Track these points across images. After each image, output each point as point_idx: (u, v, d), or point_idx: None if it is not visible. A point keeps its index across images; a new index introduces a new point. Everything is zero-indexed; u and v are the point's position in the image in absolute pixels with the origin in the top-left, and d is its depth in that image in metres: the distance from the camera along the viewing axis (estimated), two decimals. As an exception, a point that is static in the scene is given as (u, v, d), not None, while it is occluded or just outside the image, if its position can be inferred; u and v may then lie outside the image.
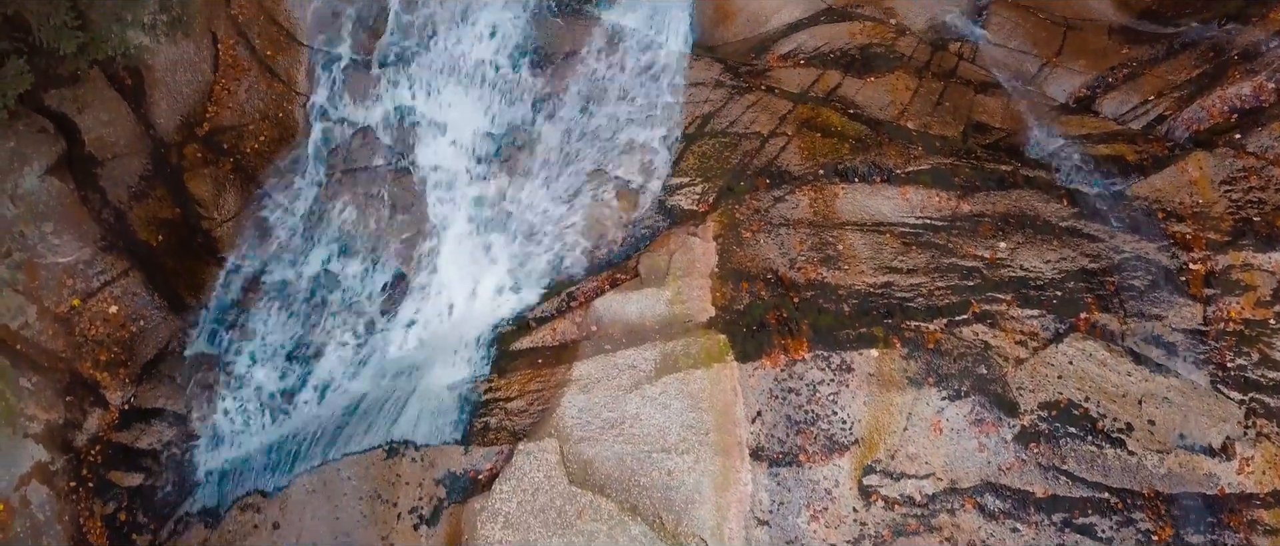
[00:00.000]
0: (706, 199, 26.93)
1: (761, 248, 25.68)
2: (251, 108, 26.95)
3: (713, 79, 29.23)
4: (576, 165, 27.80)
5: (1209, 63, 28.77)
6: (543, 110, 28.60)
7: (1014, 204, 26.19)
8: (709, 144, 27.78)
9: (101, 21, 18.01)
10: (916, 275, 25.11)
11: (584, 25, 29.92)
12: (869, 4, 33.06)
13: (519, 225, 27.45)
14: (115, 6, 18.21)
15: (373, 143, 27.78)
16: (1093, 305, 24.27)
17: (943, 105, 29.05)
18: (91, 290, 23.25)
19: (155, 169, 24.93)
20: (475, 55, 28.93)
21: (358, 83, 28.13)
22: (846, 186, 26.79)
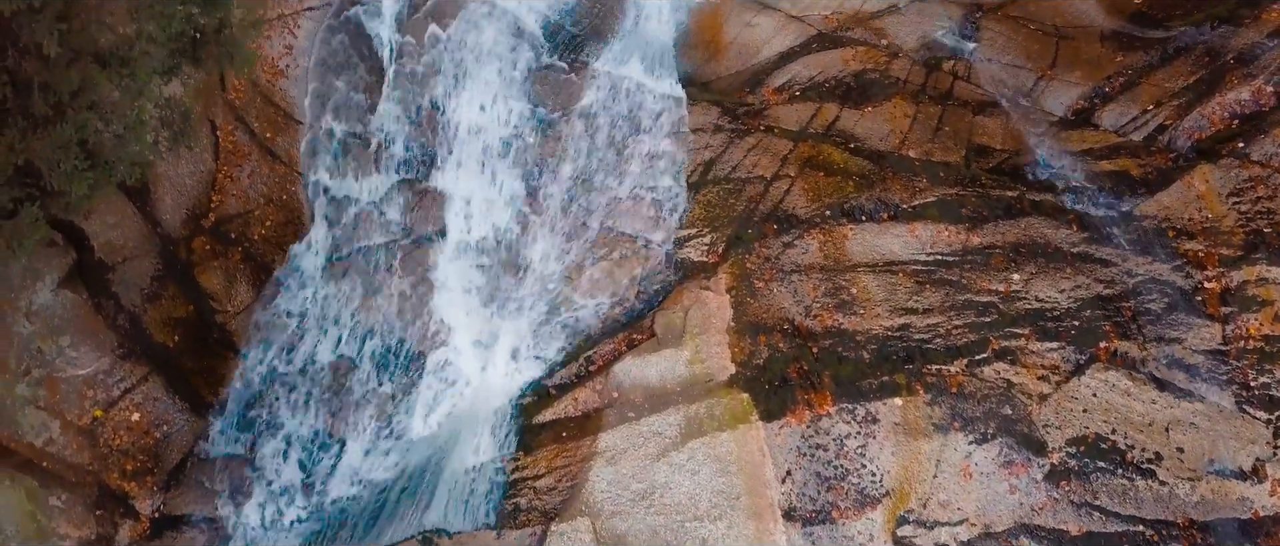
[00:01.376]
0: (716, 249, 26.83)
1: (775, 297, 25.62)
2: (255, 193, 26.86)
3: (712, 123, 29.07)
4: (583, 224, 27.73)
5: (1205, 68, 28.67)
6: (546, 171, 28.47)
7: (1023, 233, 26.09)
8: (713, 192, 27.64)
9: (108, 154, 17.85)
10: (932, 315, 25.04)
11: (579, 77, 29.82)
12: (859, 27, 32.94)
13: (530, 291, 27.37)
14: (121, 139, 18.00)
15: (379, 218, 27.78)
16: (1111, 333, 24.21)
17: (942, 130, 28.95)
18: (113, 399, 23.20)
19: (166, 267, 24.86)
20: (474, 120, 28.74)
21: (359, 157, 28.13)
22: (855, 227, 26.67)
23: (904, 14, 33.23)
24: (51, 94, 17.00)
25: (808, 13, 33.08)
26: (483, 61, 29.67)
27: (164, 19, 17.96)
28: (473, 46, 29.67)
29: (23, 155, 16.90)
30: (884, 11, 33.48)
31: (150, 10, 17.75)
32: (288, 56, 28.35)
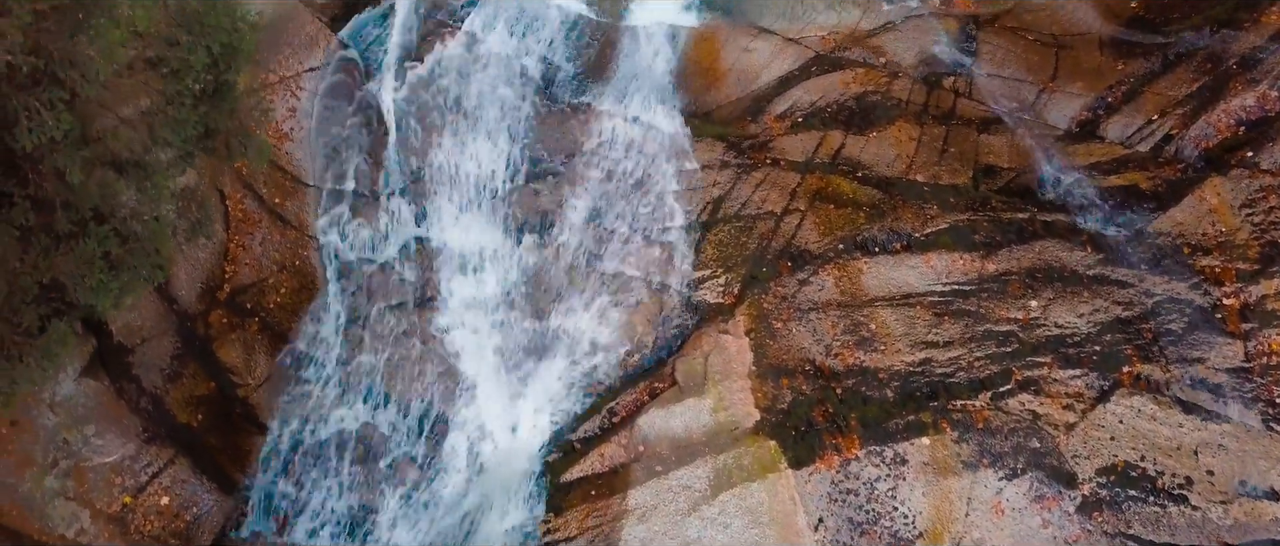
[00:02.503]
0: (731, 290, 26.77)
1: (795, 337, 25.59)
2: (268, 260, 26.77)
3: (717, 159, 29.02)
4: (597, 272, 27.60)
5: (1207, 74, 28.61)
6: (555, 220, 28.29)
7: (1038, 257, 26.08)
8: (724, 230, 27.56)
9: (131, 261, 17.83)
10: (953, 347, 25.03)
11: (582, 119, 29.74)
12: (856, 46, 32.85)
13: (548, 343, 27.33)
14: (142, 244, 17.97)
15: (393, 279, 27.68)
16: (1134, 356, 24.22)
17: (949, 152, 28.92)
18: (141, 485, 23.19)
19: (184, 345, 24.80)
20: (480, 171, 28.63)
21: (369, 217, 28.02)
22: (869, 260, 26.64)
23: (900, 30, 33.07)
24: (74, 211, 16.87)
25: (804, 34, 32.85)
26: (485, 110, 29.58)
27: (177, 124, 17.82)
28: (474, 95, 29.54)
29: (48, 273, 16.92)
30: (880, 29, 33.31)
31: (163, 116, 17.59)
32: (291, 119, 28.25)
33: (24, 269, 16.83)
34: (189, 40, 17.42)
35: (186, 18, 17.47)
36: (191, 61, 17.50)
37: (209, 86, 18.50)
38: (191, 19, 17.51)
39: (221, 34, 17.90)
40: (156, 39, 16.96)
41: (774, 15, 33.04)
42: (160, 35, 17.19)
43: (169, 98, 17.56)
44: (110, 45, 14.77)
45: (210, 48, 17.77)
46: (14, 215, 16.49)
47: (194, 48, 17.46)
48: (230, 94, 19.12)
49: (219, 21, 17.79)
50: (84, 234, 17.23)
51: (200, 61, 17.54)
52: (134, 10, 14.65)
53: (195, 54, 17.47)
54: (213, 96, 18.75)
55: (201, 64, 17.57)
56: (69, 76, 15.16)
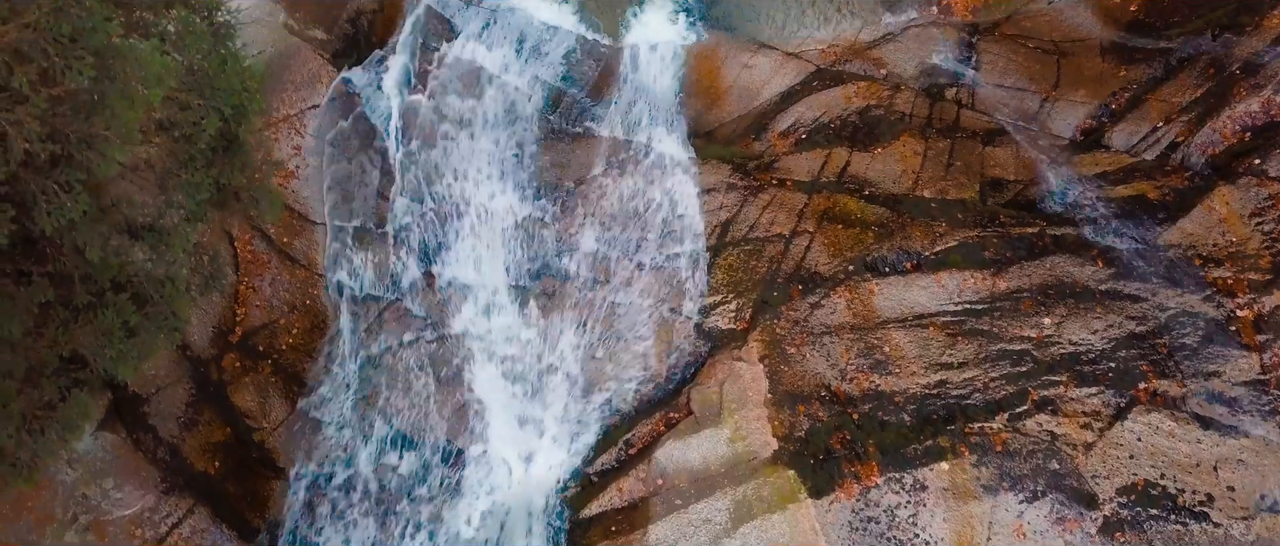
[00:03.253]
0: (743, 315, 26.75)
1: (809, 362, 25.56)
2: (278, 301, 26.70)
3: (723, 182, 28.94)
4: (607, 302, 27.52)
5: (1211, 79, 28.52)
6: (564, 249, 28.21)
7: (1049, 273, 26.05)
8: (734, 254, 27.52)
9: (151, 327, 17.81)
10: (968, 368, 25.01)
11: (586, 146, 29.71)
12: (857, 58, 32.72)
13: (562, 375, 27.24)
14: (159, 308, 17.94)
15: (404, 315, 27.62)
16: (1149, 372, 24.20)
17: (954, 166, 28.88)
18: (161, 536, 23.20)
19: (199, 391, 24.77)
20: (487, 203, 28.57)
21: (377, 253, 28.00)
22: (880, 281, 26.62)
23: (900, 41, 32.97)
24: (92, 283, 16.83)
25: (804, 48, 32.76)
26: (490, 139, 29.56)
27: (191, 187, 17.81)
28: (479, 125, 29.54)
29: (68, 346, 16.91)
30: (880, 40, 33.18)
31: (176, 180, 17.56)
32: (296, 157, 28.22)
33: (43, 344, 16.73)
34: (200, 104, 17.33)
35: (197, 80, 17.41)
36: (204, 125, 17.47)
37: (220, 146, 18.30)
38: (202, 81, 17.45)
39: (232, 96, 17.81)
40: (168, 102, 16.81)
41: (773, 29, 32.86)
42: (171, 99, 17.00)
43: (181, 161, 17.41)
44: (126, 125, 14.68)
45: (221, 110, 17.64)
46: (33, 293, 16.44)
47: (206, 111, 17.39)
48: (241, 150, 19.04)
49: (230, 83, 17.74)
50: (102, 304, 17.07)
51: (212, 124, 17.53)
52: (149, 89, 14.40)
53: (207, 118, 17.43)
54: (224, 155, 18.58)
55: (214, 127, 17.52)
56: (85, 157, 15.07)
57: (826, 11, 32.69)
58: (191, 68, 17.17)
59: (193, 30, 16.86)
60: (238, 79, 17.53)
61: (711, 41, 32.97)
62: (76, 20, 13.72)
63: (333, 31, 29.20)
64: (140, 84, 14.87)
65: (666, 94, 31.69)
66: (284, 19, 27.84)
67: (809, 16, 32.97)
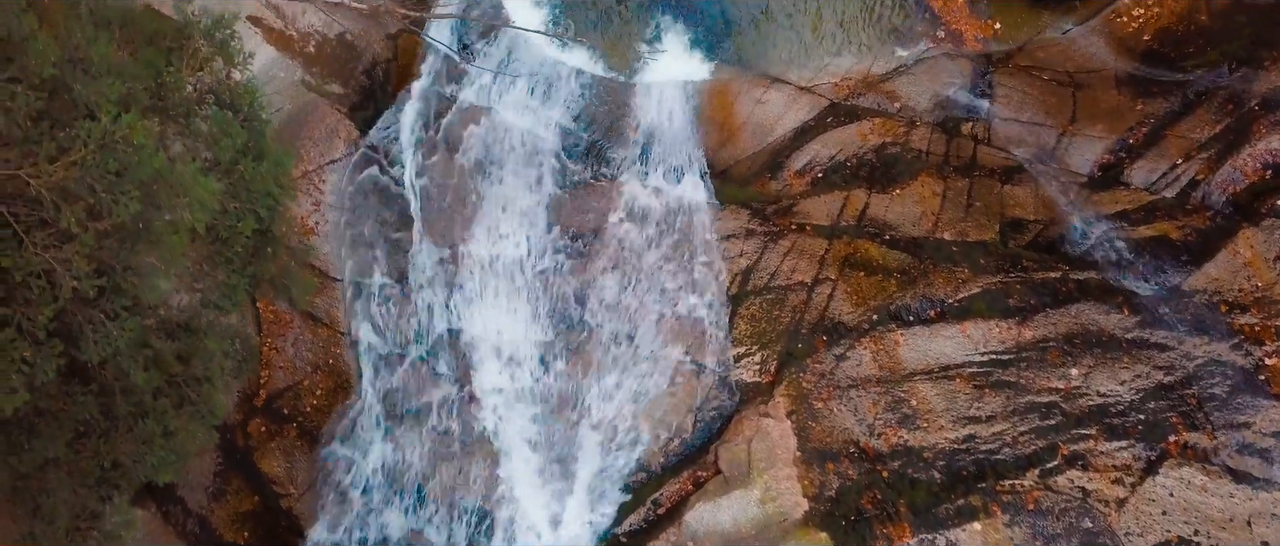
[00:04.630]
0: (768, 368, 26.65)
1: (837, 418, 25.49)
2: (302, 361, 26.60)
3: (743, 228, 28.80)
4: (630, 356, 27.38)
5: (1229, 116, 28.38)
6: (586, 302, 28.09)
7: (1075, 321, 25.97)
8: (756, 304, 27.42)
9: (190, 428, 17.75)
10: (996, 422, 24.94)
11: (603, 192, 29.63)
12: (870, 92, 32.55)
13: (587, 433, 27.11)
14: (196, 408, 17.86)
15: (428, 374, 27.52)
16: (1179, 424, 24.13)
17: (974, 206, 28.77)
18: (193, 611, 22.88)
19: (226, 459, 24.72)
20: (508, 254, 28.39)
21: (400, 309, 27.81)
22: (905, 331, 26.50)
23: (914, 74, 32.78)
24: (133, 394, 16.74)
25: (817, 82, 32.58)
26: (507, 189, 29.34)
27: (227, 288, 17.70)
28: (496, 174, 29.30)
29: (109, 456, 16.84)
30: (893, 73, 32.97)
31: (213, 281, 17.47)
32: (316, 213, 28.05)
33: (85, 456, 16.68)
34: (237, 207, 17.19)
35: (234, 184, 17.24)
36: (240, 228, 17.33)
37: (256, 243, 18.20)
38: (239, 185, 17.37)
39: (268, 198, 17.65)
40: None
41: (785, 63, 32.69)
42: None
43: (218, 262, 17.28)
44: (171, 250, 14.55)
45: (258, 212, 17.50)
46: (76, 411, 16.32)
47: (243, 214, 17.26)
48: (275, 244, 18.88)
49: (267, 186, 17.56)
50: (142, 413, 16.97)
51: (248, 226, 17.39)
52: (194, 215, 14.29)
53: (244, 220, 17.31)
54: (258, 251, 18.47)
55: (250, 229, 17.37)
56: (131, 284, 14.95)
57: (838, 44, 32.46)
58: (227, 169, 16.79)
59: (227, 130, 16.54)
60: (272, 179, 17.22)
61: (724, 77, 32.83)
62: (123, 156, 13.51)
63: (349, 85, 29.04)
64: (184, 210, 14.62)
65: (681, 132, 31.51)
66: (301, 75, 27.68)
67: (821, 49, 32.79)
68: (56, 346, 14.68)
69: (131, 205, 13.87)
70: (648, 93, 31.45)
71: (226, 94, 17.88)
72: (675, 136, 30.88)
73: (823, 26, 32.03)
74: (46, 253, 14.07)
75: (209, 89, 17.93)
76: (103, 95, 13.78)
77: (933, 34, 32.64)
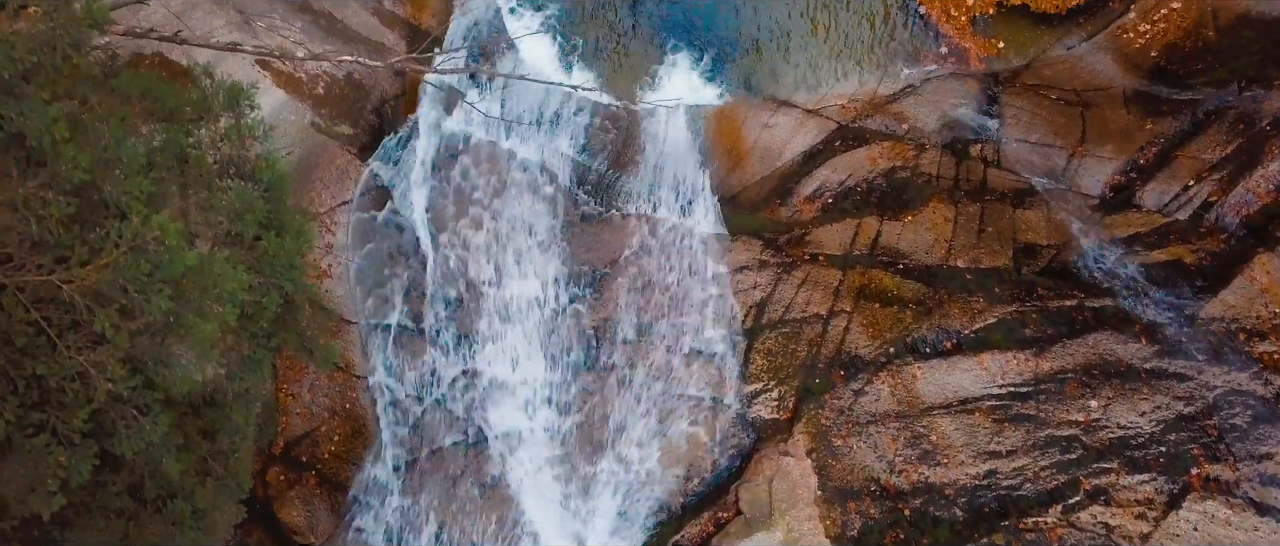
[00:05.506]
0: (786, 404, 26.58)
1: (857, 455, 25.45)
2: (318, 407, 26.51)
3: (755, 260, 28.72)
4: (648, 394, 27.35)
5: (1241, 136, 28.31)
6: (601, 339, 27.98)
7: (1092, 351, 25.93)
8: (772, 338, 27.36)
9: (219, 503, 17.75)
10: (1017, 457, 24.91)
11: (615, 225, 29.57)
12: (877, 113, 32.47)
13: (606, 475, 27.01)
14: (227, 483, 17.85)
15: (445, 418, 27.45)
16: (1200, 456, 24.10)
17: (986, 231, 28.72)
18: (217, 671, 22.80)
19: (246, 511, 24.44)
20: (520, 293, 28.32)
21: (415, 351, 27.71)
22: (922, 365, 26.45)
23: (921, 94, 32.69)
24: (162, 478, 16.70)
25: (824, 104, 32.47)
26: (520, 224, 29.11)
27: (253, 363, 17.66)
28: (507, 211, 29.21)
29: (139, 542, 16.78)
30: (900, 94, 32.90)
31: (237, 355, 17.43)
32: (329, 255, 27.94)
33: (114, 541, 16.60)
34: (261, 282, 17.07)
35: (257, 260, 17.15)
36: (265, 303, 17.20)
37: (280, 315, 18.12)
38: (263, 261, 17.26)
39: (291, 271, 17.55)
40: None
41: (791, 85, 32.59)
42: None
43: (243, 337, 17.21)
44: (202, 341, 14.45)
45: (282, 286, 17.41)
46: (108, 500, 16.27)
47: (267, 289, 17.15)
48: (298, 314, 18.80)
49: (290, 259, 17.47)
50: (170, 493, 16.94)
51: (273, 301, 17.25)
52: (224, 307, 14.20)
53: (269, 296, 17.18)
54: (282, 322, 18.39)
55: (275, 304, 17.24)
56: (163, 377, 14.86)
57: (844, 65, 32.38)
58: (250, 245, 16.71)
59: (250, 206, 16.49)
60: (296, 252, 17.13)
61: (731, 101, 32.69)
62: (155, 256, 13.39)
63: (359, 125, 28.95)
64: (215, 301, 14.54)
65: (689, 159, 31.49)
66: (311, 118, 27.58)
67: (827, 71, 32.66)
68: (91, 446, 14.64)
69: (163, 304, 13.79)
70: (655, 119, 31.12)
71: (246, 165, 17.60)
72: (683, 163, 30.85)
73: (828, 47, 31.60)
74: (80, 355, 13.85)
75: (228, 160, 17.61)
76: (132, 195, 13.61)
77: (937, 52, 32.21)
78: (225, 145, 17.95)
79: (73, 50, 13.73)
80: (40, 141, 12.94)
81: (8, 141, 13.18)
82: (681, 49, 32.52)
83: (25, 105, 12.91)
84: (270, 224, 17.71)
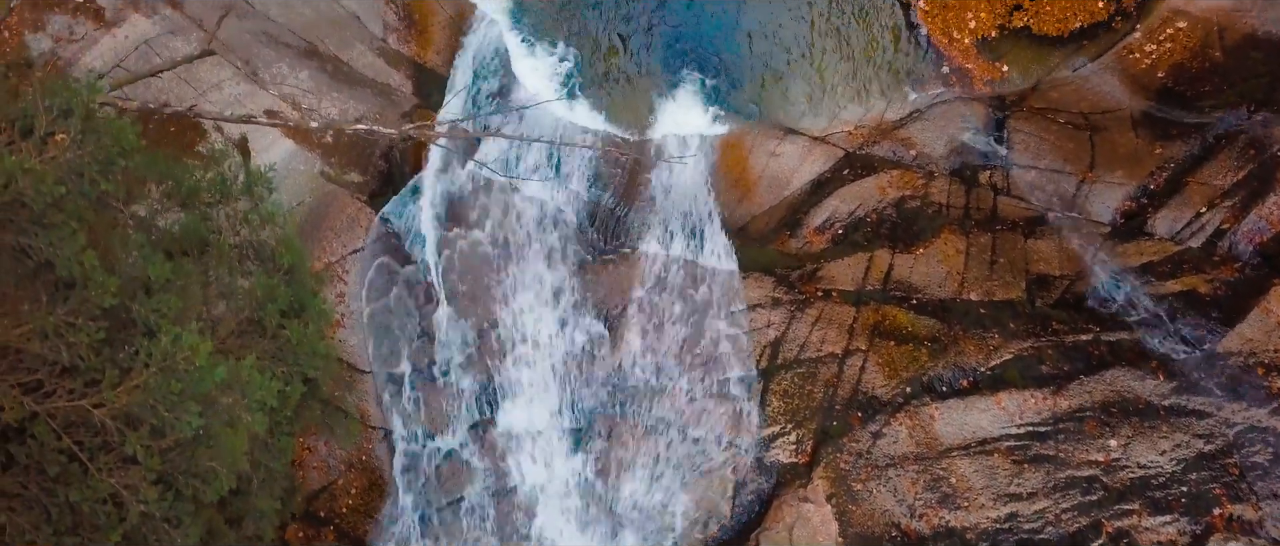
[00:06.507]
0: (804, 448, 26.51)
1: (877, 499, 25.40)
2: (335, 460, 26.42)
3: (768, 297, 28.60)
4: (664, 438, 27.19)
5: (1252, 161, 28.20)
6: (616, 383, 27.89)
7: (1110, 388, 25.86)
8: (788, 378, 27.25)
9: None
10: (1038, 499, 24.86)
11: (626, 264, 29.49)
12: (885, 139, 32.34)
13: (626, 522, 26.86)
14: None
15: (462, 467, 27.37)
16: (1222, 496, 24.06)
17: (998, 263, 28.64)
18: None
19: (267, 574, 24.32)
20: (535, 337, 28.21)
21: (429, 399, 27.63)
22: (939, 405, 26.36)
23: (928, 119, 32.56)
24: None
25: (831, 131, 32.38)
26: (531, 267, 28.92)
27: (278, 451, 17.59)
28: (517, 254, 28.97)
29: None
30: (907, 119, 32.78)
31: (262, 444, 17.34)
32: (341, 304, 27.75)
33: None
34: (285, 371, 16.97)
35: (280, 349, 17.04)
36: (289, 393, 17.10)
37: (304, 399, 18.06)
38: (286, 351, 17.14)
39: (317, 359, 17.48)
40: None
41: (798, 112, 32.50)
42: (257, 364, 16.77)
43: (269, 429, 17.12)
44: (232, 452, 14.35)
45: (305, 374, 17.32)
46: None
47: (291, 378, 17.07)
48: (321, 392, 18.72)
49: (313, 346, 17.38)
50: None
51: (297, 390, 17.22)
52: (253, 416, 14.11)
53: (293, 384, 17.11)
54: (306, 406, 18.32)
55: (298, 393, 17.16)
56: (192, 488, 14.77)
57: (851, 90, 32.21)
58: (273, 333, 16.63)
59: (273, 294, 16.39)
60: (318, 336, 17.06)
61: (737, 130, 32.44)
62: (185, 375, 13.30)
63: (368, 172, 28.82)
64: (244, 411, 14.46)
65: (696, 190, 31.31)
66: (320, 167, 27.49)
67: (833, 97, 32.50)
68: (123, 564, 14.33)
69: (194, 421, 13.67)
70: (662, 151, 31.15)
71: (265, 249, 17.49)
72: (691, 195, 30.72)
73: (833, 72, 31.45)
74: (112, 477, 13.79)
75: (247, 242, 17.51)
76: (161, 313, 13.49)
77: (941, 76, 32.03)
78: (244, 228, 17.70)
79: (101, 176, 13.40)
80: (70, 269, 12.76)
81: (37, 268, 12.98)
82: (687, 78, 32.36)
83: (54, 234, 12.74)
84: (292, 310, 17.50)
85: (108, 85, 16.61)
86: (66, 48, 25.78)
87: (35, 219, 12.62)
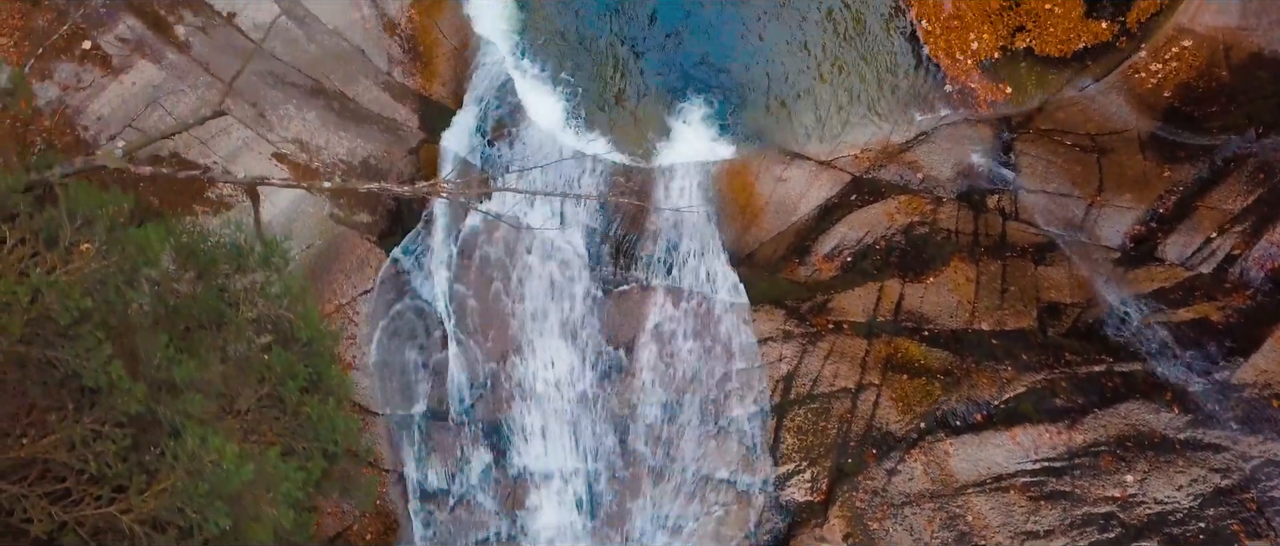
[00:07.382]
0: (819, 486, 26.43)
1: (893, 538, 25.40)
2: (349, 504, 26.12)
3: (779, 331, 28.45)
4: (679, 478, 27.18)
5: (1262, 186, 28.09)
6: (629, 422, 27.76)
7: (1125, 422, 25.79)
8: (801, 415, 27.13)
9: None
10: (1055, 537, 24.83)
11: (636, 299, 29.31)
12: (891, 162, 32.21)
13: (643, 566, 26.73)
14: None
15: (476, 511, 27.27)
16: (1240, 532, 24.03)
17: (1009, 291, 28.52)
18: None
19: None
20: (546, 378, 28.02)
21: (441, 441, 27.44)
22: (954, 440, 26.29)
23: (934, 141, 32.36)
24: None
25: (837, 155, 32.17)
26: (542, 304, 28.87)
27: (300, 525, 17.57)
28: (527, 292, 28.85)
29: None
30: (914, 142, 32.62)
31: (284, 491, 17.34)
32: (352, 346, 27.57)
33: None
34: (305, 446, 16.90)
35: (301, 424, 16.95)
36: (310, 468, 17.03)
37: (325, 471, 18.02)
38: (306, 425, 17.04)
39: (336, 432, 17.39)
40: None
41: (803, 136, 32.28)
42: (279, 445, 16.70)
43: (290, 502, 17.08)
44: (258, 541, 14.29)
45: (325, 448, 17.25)
46: None
47: (311, 453, 16.99)
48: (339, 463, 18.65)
49: (334, 422, 17.28)
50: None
51: (318, 467, 17.12)
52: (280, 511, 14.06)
53: (314, 460, 17.03)
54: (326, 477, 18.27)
55: (319, 469, 17.08)
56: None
57: (856, 112, 31.96)
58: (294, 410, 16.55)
59: (292, 371, 16.30)
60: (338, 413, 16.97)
61: (742, 155, 32.17)
62: (213, 478, 13.22)
63: (377, 213, 28.70)
64: (270, 506, 14.39)
65: (702, 218, 30.85)
66: (329, 209, 27.36)
67: (838, 120, 32.28)
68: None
69: (222, 521, 13.57)
70: (669, 177, 30.81)
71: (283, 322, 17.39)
72: (698, 224, 30.30)
73: (838, 95, 31.29)
74: (139, 582, 13.65)
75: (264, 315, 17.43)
76: (186, 414, 13.37)
77: (944, 95, 31.83)
78: (261, 300, 17.59)
79: (127, 287, 13.32)
80: (96, 380, 12.67)
81: (63, 378, 12.85)
82: (692, 103, 31.99)
83: (81, 345, 12.66)
84: (311, 385, 17.42)
85: (121, 149, 16.38)
86: (74, 95, 25.59)
87: (61, 331, 12.44)
